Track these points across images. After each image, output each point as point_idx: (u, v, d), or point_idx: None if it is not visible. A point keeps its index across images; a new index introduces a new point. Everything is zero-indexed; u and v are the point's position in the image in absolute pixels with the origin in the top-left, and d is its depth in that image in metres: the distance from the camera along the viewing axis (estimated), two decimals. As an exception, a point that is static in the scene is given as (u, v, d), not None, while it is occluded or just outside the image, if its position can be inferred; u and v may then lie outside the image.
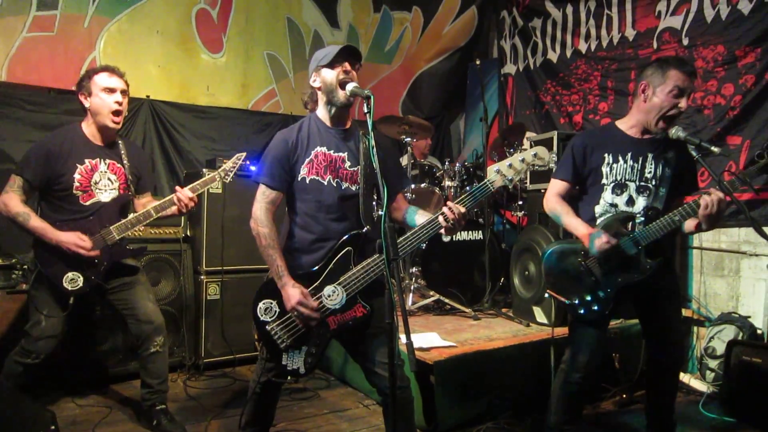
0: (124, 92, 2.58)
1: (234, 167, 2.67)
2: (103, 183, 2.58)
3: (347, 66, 2.01)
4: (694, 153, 2.18)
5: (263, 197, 2.03)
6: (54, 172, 2.48)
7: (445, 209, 1.90)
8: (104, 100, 2.53)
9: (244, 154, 2.69)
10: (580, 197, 2.41)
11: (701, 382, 3.39)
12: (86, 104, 2.56)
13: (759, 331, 3.29)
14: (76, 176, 2.51)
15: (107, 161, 2.61)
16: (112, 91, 2.55)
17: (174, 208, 2.59)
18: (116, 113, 2.55)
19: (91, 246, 2.47)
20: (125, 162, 2.65)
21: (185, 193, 2.55)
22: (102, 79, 2.54)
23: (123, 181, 2.65)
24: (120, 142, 2.68)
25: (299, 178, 2.05)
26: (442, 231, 1.95)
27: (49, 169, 2.48)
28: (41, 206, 2.57)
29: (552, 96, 4.93)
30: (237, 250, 3.64)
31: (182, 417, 2.84)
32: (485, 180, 2.01)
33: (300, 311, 1.93)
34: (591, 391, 3.09)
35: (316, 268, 2.01)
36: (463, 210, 1.91)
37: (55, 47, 3.83)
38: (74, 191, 2.51)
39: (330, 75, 2.01)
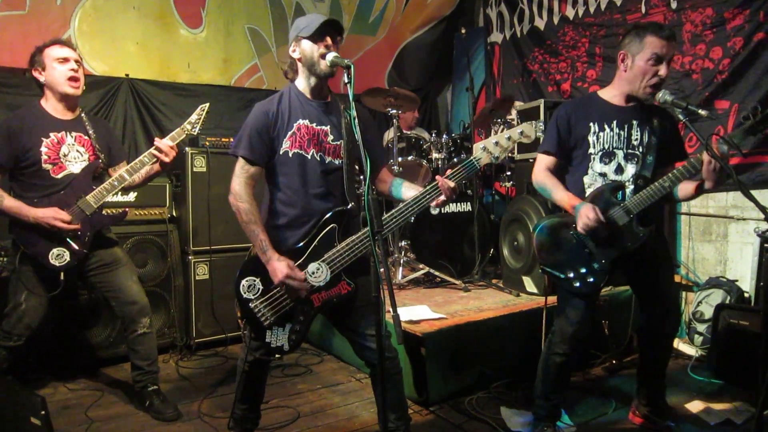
0: (78, 62, 2.54)
1: (199, 118, 2.63)
2: (73, 155, 2.54)
3: (328, 41, 1.97)
4: (681, 117, 2.15)
5: (243, 172, 1.98)
6: (19, 148, 2.44)
7: (439, 182, 1.93)
8: (59, 69, 2.49)
9: (208, 104, 2.67)
10: (567, 169, 2.38)
11: (689, 346, 3.43)
12: (41, 79, 2.51)
13: (746, 295, 3.32)
14: (43, 149, 2.47)
15: (73, 134, 2.56)
16: (65, 60, 2.51)
17: (154, 166, 2.56)
18: (73, 79, 2.51)
19: (70, 219, 2.44)
20: (91, 133, 2.61)
21: (165, 142, 2.50)
22: (54, 51, 2.51)
23: (92, 152, 2.61)
24: (83, 115, 2.64)
25: (281, 152, 2.00)
26: (433, 204, 1.98)
27: (14, 145, 2.43)
28: (12, 188, 2.52)
29: (540, 64, 4.86)
30: (224, 229, 3.61)
31: (175, 397, 2.84)
32: (471, 158, 2.00)
33: (288, 284, 1.90)
34: (580, 359, 3.12)
35: (301, 244, 1.98)
36: (452, 185, 1.94)
37: (28, 26, 3.69)
38: (43, 165, 2.47)
39: (310, 48, 1.97)
